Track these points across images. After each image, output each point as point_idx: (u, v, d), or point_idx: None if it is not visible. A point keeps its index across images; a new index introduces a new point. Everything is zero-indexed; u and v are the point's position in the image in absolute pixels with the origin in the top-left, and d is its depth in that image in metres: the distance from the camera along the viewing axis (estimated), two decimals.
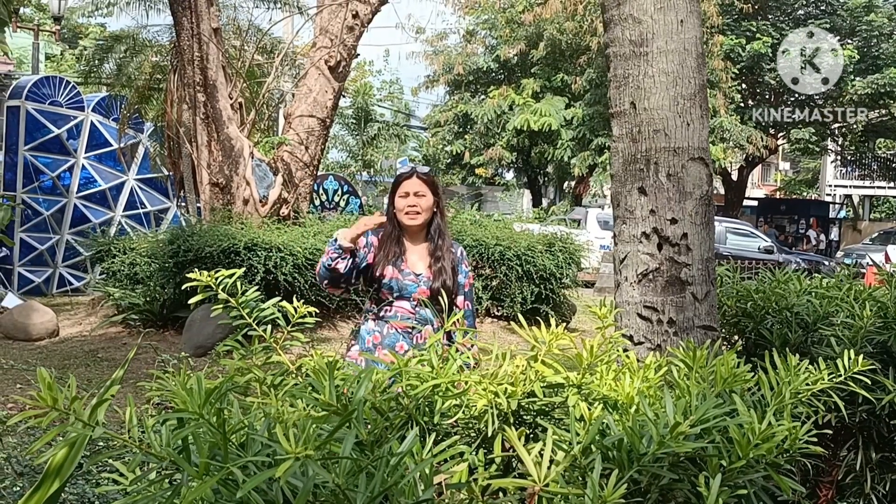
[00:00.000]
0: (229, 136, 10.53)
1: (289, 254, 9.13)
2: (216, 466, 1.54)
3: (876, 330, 3.19)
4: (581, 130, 25.77)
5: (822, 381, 2.36)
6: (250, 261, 8.91)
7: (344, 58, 11.23)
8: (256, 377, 2.24)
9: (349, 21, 11.05)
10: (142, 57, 15.05)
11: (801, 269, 17.36)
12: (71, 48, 32.92)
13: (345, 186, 17.37)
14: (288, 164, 10.99)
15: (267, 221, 10.38)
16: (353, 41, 11.24)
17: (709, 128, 3.34)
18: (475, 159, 28.44)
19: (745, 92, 29.03)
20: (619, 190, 3.30)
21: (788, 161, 56.20)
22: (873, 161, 36.71)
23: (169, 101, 12.02)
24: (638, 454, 1.79)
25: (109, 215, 14.92)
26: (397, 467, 1.53)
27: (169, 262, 9.26)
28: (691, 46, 3.18)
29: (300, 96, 11.29)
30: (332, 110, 11.45)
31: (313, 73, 11.15)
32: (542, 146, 26.79)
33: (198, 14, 10.28)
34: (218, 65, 10.56)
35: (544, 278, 11.10)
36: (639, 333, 3.19)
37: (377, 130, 30.16)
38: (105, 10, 16.79)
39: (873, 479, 3.19)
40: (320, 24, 11.32)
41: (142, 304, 9.93)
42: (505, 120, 26.80)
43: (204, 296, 2.50)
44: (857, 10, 28.10)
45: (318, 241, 9.65)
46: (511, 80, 28.60)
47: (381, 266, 3.92)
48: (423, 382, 2.02)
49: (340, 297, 10.21)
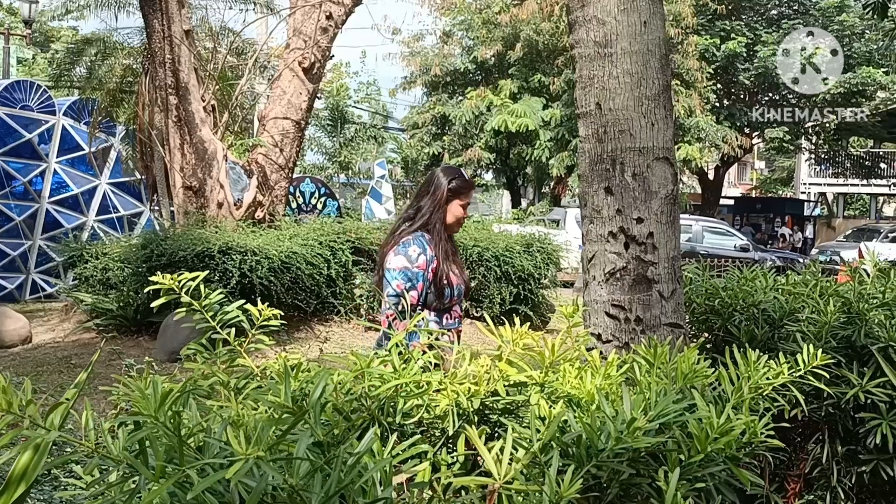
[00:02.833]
0: (202, 138, 10.48)
1: (264, 257, 9.09)
2: (173, 469, 1.54)
3: (840, 325, 3.22)
4: (559, 131, 25.81)
5: (783, 375, 2.39)
6: (225, 265, 8.87)
7: (318, 59, 11.21)
8: (220, 380, 2.24)
9: (323, 22, 11.03)
10: (113, 59, 14.96)
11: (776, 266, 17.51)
12: (43, 52, 32.68)
13: (322, 189, 17.33)
14: (262, 167, 10.96)
15: (242, 225, 10.33)
16: (327, 42, 11.23)
17: (673, 127, 3.36)
18: (454, 160, 28.41)
19: (720, 92, 29.20)
20: (586, 190, 3.32)
21: (764, 160, 56.61)
22: (847, 159, 37.04)
23: (141, 104, 11.96)
24: (596, 450, 1.81)
25: (82, 220, 14.81)
26: (354, 466, 1.53)
27: (142, 267, 9.20)
28: (655, 47, 3.20)
29: (274, 98, 11.27)
30: (307, 112, 11.43)
31: (287, 74, 11.12)
32: (521, 147, 26.82)
33: (169, 16, 10.23)
34: (190, 67, 10.51)
35: (523, 279, 11.15)
36: (607, 332, 3.21)
37: (354, 132, 30.12)
38: (76, 12, 16.67)
39: (839, 471, 3.22)
40: (293, 26, 11.30)
41: (115, 310, 9.85)
42: (483, 121, 26.80)
43: (167, 299, 2.49)
44: (830, 9, 28.36)
45: (293, 244, 9.62)
46: (488, 82, 28.61)
47: (445, 273, 3.88)
48: (385, 383, 2.03)
49: (319, 302, 10.21)
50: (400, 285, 3.75)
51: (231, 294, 8.36)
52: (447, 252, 3.93)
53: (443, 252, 3.89)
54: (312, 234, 10.32)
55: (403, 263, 3.79)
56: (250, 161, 10.97)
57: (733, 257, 19.25)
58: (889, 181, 37.53)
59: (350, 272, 10.49)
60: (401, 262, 3.79)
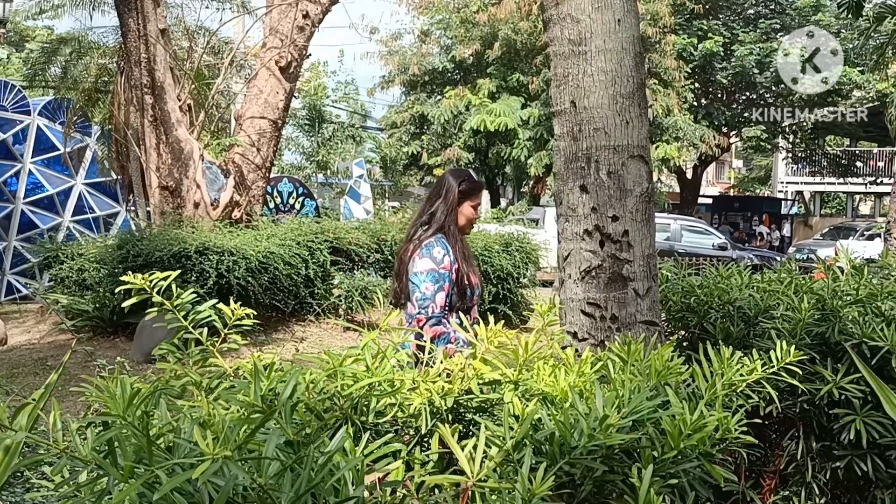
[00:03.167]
0: (178, 138, 10.42)
1: (241, 257, 9.05)
2: (144, 470, 1.52)
3: (814, 322, 3.24)
4: (538, 130, 25.85)
5: (756, 372, 2.40)
6: (202, 265, 8.82)
7: (295, 58, 11.17)
8: (192, 380, 2.22)
9: (299, 21, 11.00)
10: (88, 59, 14.85)
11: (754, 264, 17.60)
12: (17, 51, 32.40)
13: (299, 188, 17.27)
14: (239, 167, 10.91)
15: (219, 225, 10.28)
16: (303, 41, 11.19)
17: (648, 126, 3.37)
18: (432, 160, 28.41)
19: (697, 91, 29.36)
20: (561, 188, 3.32)
21: (741, 159, 56.98)
22: (823, 158, 37.34)
23: (116, 104, 11.89)
24: (569, 447, 1.80)
25: (57, 221, 14.68)
26: (325, 465, 1.52)
27: (118, 268, 9.13)
28: (629, 45, 3.21)
29: (251, 97, 11.22)
30: (284, 111, 11.39)
31: (264, 73, 11.08)
32: (500, 146, 26.84)
33: (144, 15, 10.16)
34: (165, 66, 10.45)
35: (502, 278, 11.17)
36: (583, 329, 3.22)
37: (332, 132, 30.03)
38: (51, 12, 16.55)
39: (814, 467, 3.23)
40: (270, 25, 11.25)
41: (91, 311, 9.78)
42: (461, 120, 26.80)
43: (139, 299, 2.47)
44: (806, 9, 28.57)
45: (271, 244, 9.58)
46: (467, 81, 28.61)
47: (466, 274, 3.92)
48: (358, 381, 2.02)
49: (297, 303, 10.17)
50: (429, 287, 3.79)
51: (208, 294, 8.32)
52: (464, 253, 3.98)
53: (460, 253, 3.94)
54: (290, 234, 10.29)
55: (430, 265, 3.83)
56: (227, 161, 10.91)
57: (711, 256, 19.35)
58: (865, 179, 37.88)
59: (328, 272, 10.46)
60: (427, 264, 3.83)
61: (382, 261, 11.04)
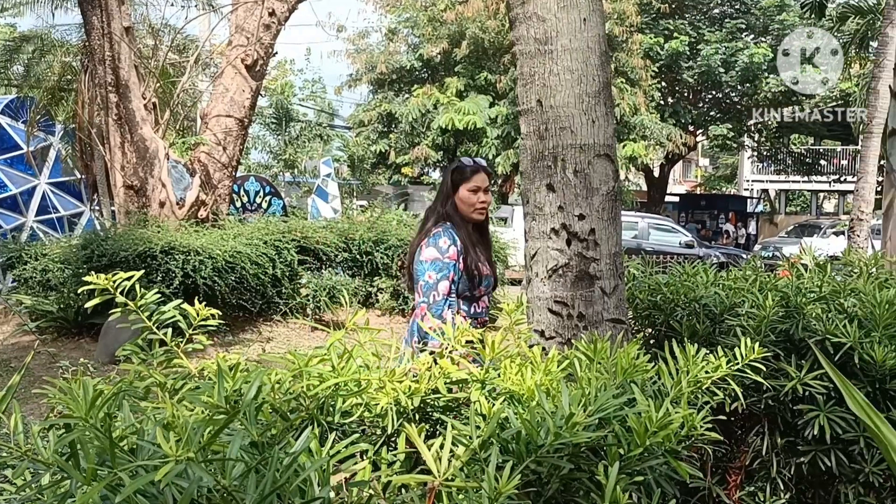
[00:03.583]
0: (143, 137, 10.32)
1: (208, 257, 8.98)
2: (108, 472, 1.50)
3: (779, 319, 3.27)
4: (506, 129, 25.88)
5: (722, 369, 2.42)
6: (168, 265, 8.74)
7: (261, 56, 11.11)
8: (156, 382, 2.20)
9: (266, 19, 10.93)
10: (51, 57, 14.67)
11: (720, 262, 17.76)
12: None
13: (267, 187, 17.18)
14: (205, 165, 10.83)
15: (184, 224, 10.20)
16: (270, 39, 11.13)
17: (614, 124, 3.38)
18: (401, 158, 28.36)
19: (664, 90, 29.56)
20: (528, 187, 3.32)
21: (708, 157, 57.45)
22: (788, 156, 37.80)
23: (80, 102, 11.74)
24: (536, 446, 1.80)
25: (21, 221, 14.47)
26: (291, 466, 1.51)
27: (83, 268, 9.02)
28: (595, 44, 3.22)
29: (216, 96, 11.13)
30: (251, 110, 11.32)
31: (230, 72, 11.00)
32: (468, 145, 26.81)
33: (108, 13, 10.05)
34: (130, 64, 10.33)
35: None
36: (550, 328, 3.22)
37: (299, 130, 29.87)
38: (13, 9, 16.32)
39: (779, 463, 3.26)
40: (236, 22, 11.17)
41: (55, 312, 9.67)
42: (430, 119, 26.76)
43: (102, 299, 2.44)
44: (770, 8, 28.87)
45: (238, 244, 9.52)
46: (435, 79, 28.59)
47: (475, 262, 3.94)
48: (323, 381, 2.01)
49: (265, 302, 10.12)
50: (431, 276, 3.83)
51: (174, 294, 8.24)
52: (472, 241, 3.99)
53: (468, 241, 3.96)
54: (257, 233, 10.23)
55: (434, 255, 3.86)
56: (193, 160, 10.82)
57: (678, 253, 19.51)
58: (829, 178, 38.36)
59: (296, 272, 10.41)
60: (431, 253, 3.87)
61: (350, 260, 11.01)
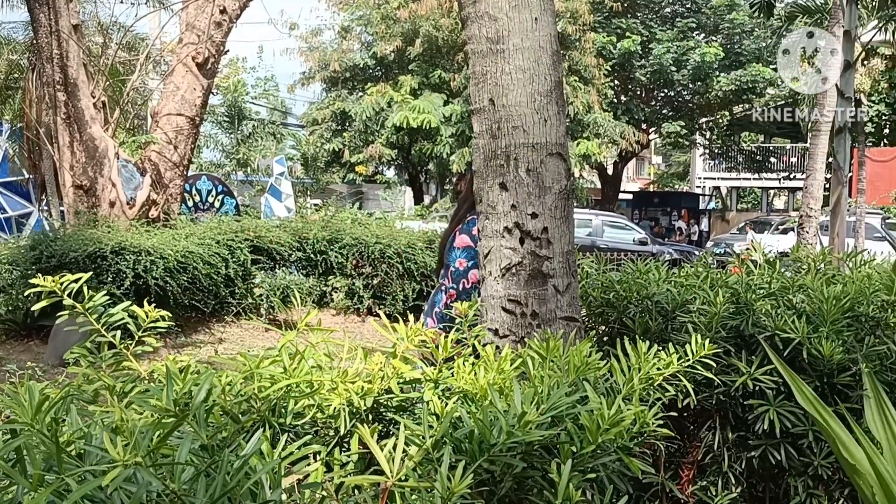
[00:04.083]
0: (92, 136, 10.16)
1: (159, 257, 8.86)
2: (56, 478, 1.48)
3: (729, 315, 3.31)
4: (460, 127, 25.92)
5: (673, 365, 2.44)
6: (118, 265, 8.62)
7: (212, 54, 10.99)
8: (105, 385, 2.16)
9: (217, 17, 10.82)
10: None
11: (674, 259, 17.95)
12: None
13: (219, 186, 17.00)
14: (156, 165, 10.70)
15: (135, 224, 10.06)
16: (221, 37, 11.02)
17: (567, 123, 3.40)
18: (355, 157, 28.27)
19: (617, 88, 29.81)
20: (481, 186, 3.33)
21: (661, 155, 58.06)
22: (739, 154, 38.34)
23: (28, 101, 11.55)
24: (488, 445, 1.81)
25: None
26: (241, 469, 1.50)
27: (31, 270, 8.86)
28: (546, 44, 3.23)
29: (167, 94, 11.00)
30: (202, 108, 11.20)
31: (180, 70, 10.87)
32: (422, 143, 26.82)
33: (56, 10, 9.88)
34: (79, 62, 10.17)
35: (426, 275, 11.17)
36: (503, 327, 3.22)
37: (252, 129, 29.62)
38: None
39: (730, 457, 3.30)
40: (187, 20, 11.04)
41: (3, 314, 9.49)
42: (384, 117, 26.70)
43: (49, 302, 2.39)
44: (721, 8, 29.25)
45: (190, 244, 9.42)
46: (389, 77, 28.53)
47: None
48: (275, 383, 1.99)
49: (218, 303, 10.01)
50: (462, 263, 3.94)
51: (125, 295, 8.13)
52: None
53: None
54: (209, 232, 10.12)
55: (467, 241, 3.96)
56: (143, 159, 10.68)
57: (632, 251, 19.67)
58: (779, 175, 38.99)
59: (249, 271, 10.33)
60: (464, 240, 3.97)
61: (304, 259, 10.95)
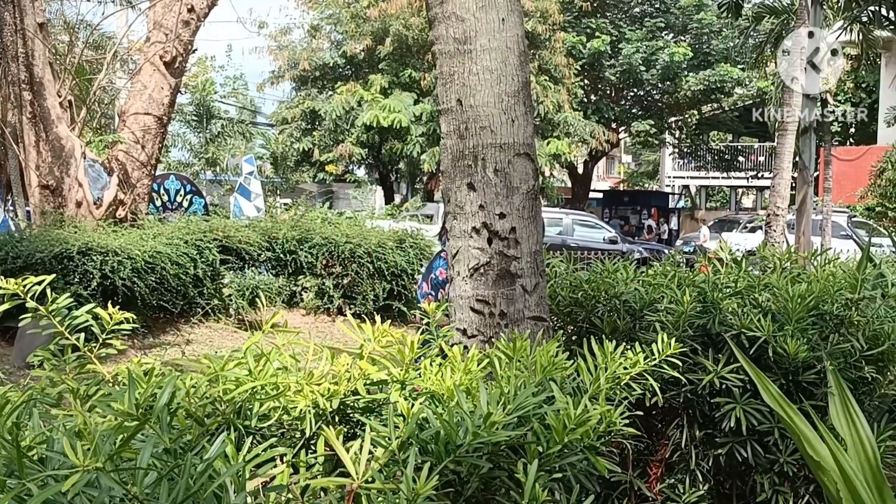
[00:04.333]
0: (59, 135, 10.04)
1: (127, 257, 8.77)
2: (17, 483, 1.46)
3: (696, 314, 3.33)
4: (430, 126, 25.88)
5: (639, 364, 2.46)
6: (85, 266, 8.52)
7: (180, 53, 10.90)
8: (69, 388, 2.14)
9: (184, 15, 10.73)
10: None
11: (643, 257, 18.05)
12: None
13: (188, 186, 16.83)
14: (123, 164, 10.59)
15: (102, 224, 9.95)
16: (189, 36, 10.93)
17: (534, 123, 3.41)
18: (325, 156, 28.14)
19: (587, 87, 29.93)
20: (449, 186, 3.33)
21: (630, 154, 58.37)
22: (707, 153, 38.65)
23: None
24: (454, 446, 1.81)
25: None
26: (205, 472, 1.49)
27: None
28: (513, 44, 3.24)
29: (134, 93, 10.89)
30: (170, 107, 11.10)
31: (148, 69, 10.77)
32: (393, 142, 26.76)
33: (21, 8, 9.75)
34: (45, 61, 10.05)
35: (396, 275, 11.15)
36: (472, 327, 3.23)
37: (221, 128, 29.40)
38: None
39: (697, 455, 3.33)
40: (154, 19, 10.94)
41: None
42: (354, 116, 26.60)
43: (11, 304, 2.36)
44: (689, 8, 29.45)
45: (157, 244, 9.33)
46: (358, 76, 28.44)
47: None
48: (240, 385, 1.98)
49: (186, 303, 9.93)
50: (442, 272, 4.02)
51: (92, 296, 8.04)
52: None
53: None
54: (178, 232, 10.03)
55: None
56: (110, 158, 10.57)
57: (602, 249, 19.76)
58: (747, 174, 39.34)
59: (218, 272, 10.25)
60: None
61: (274, 259, 10.89)
